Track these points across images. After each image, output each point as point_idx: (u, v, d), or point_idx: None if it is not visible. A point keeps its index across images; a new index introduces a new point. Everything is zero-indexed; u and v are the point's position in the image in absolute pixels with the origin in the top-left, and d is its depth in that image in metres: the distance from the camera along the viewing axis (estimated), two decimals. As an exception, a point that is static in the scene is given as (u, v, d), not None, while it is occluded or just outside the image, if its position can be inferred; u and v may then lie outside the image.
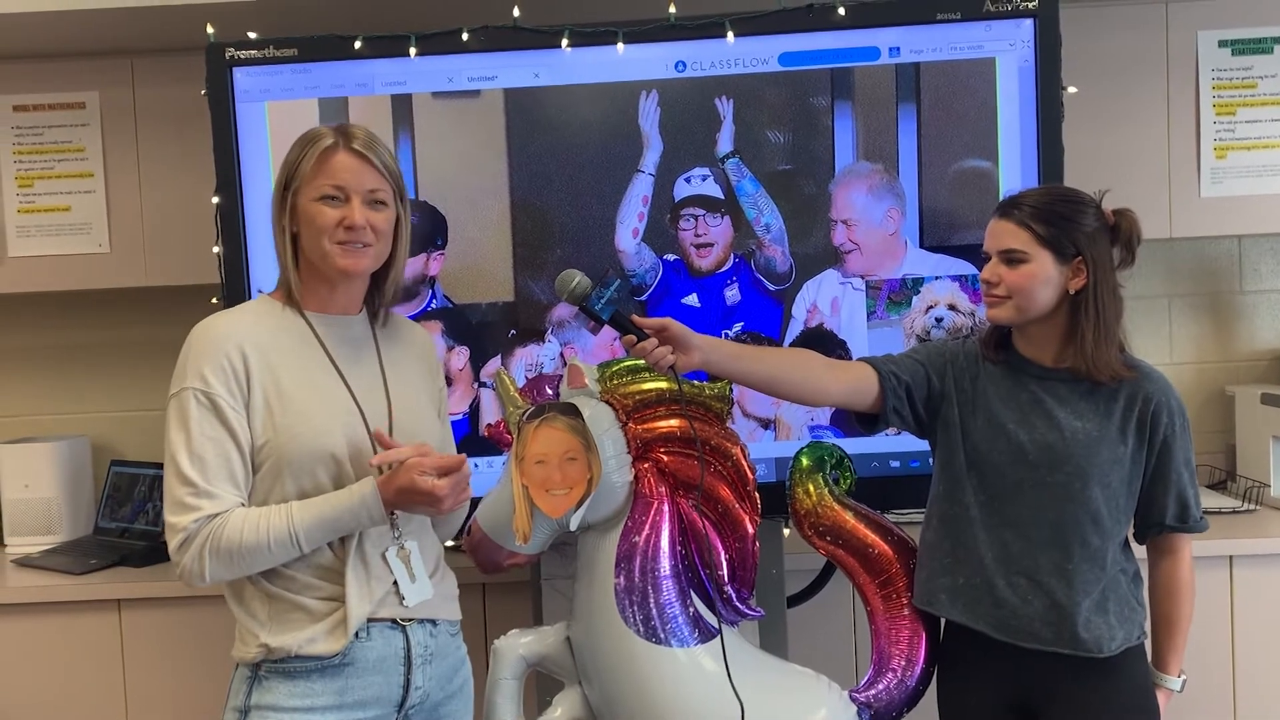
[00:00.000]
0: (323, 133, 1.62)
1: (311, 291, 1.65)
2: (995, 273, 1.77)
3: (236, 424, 1.55)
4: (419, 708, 1.66)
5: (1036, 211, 1.75)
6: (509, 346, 2.32)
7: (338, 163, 1.59)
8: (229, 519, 1.52)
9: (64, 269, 2.83)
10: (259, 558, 1.54)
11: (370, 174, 1.61)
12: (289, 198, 1.61)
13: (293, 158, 1.62)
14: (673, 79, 2.27)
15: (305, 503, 1.55)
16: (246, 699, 1.58)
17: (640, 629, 1.81)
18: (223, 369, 1.55)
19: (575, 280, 1.69)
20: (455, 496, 1.59)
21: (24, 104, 2.84)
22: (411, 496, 1.54)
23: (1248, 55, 2.75)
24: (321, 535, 1.55)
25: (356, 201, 1.59)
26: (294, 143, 1.64)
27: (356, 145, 1.60)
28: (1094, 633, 1.76)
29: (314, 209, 1.59)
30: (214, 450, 1.53)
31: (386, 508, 1.56)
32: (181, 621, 2.56)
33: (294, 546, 1.54)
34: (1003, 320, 1.79)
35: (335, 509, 1.55)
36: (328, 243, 1.59)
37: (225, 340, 1.57)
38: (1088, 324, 1.75)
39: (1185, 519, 1.81)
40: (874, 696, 1.90)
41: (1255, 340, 3.07)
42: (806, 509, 1.94)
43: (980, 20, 2.23)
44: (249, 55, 2.28)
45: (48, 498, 2.88)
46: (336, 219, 1.58)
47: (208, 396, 1.54)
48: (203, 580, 1.54)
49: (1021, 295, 1.75)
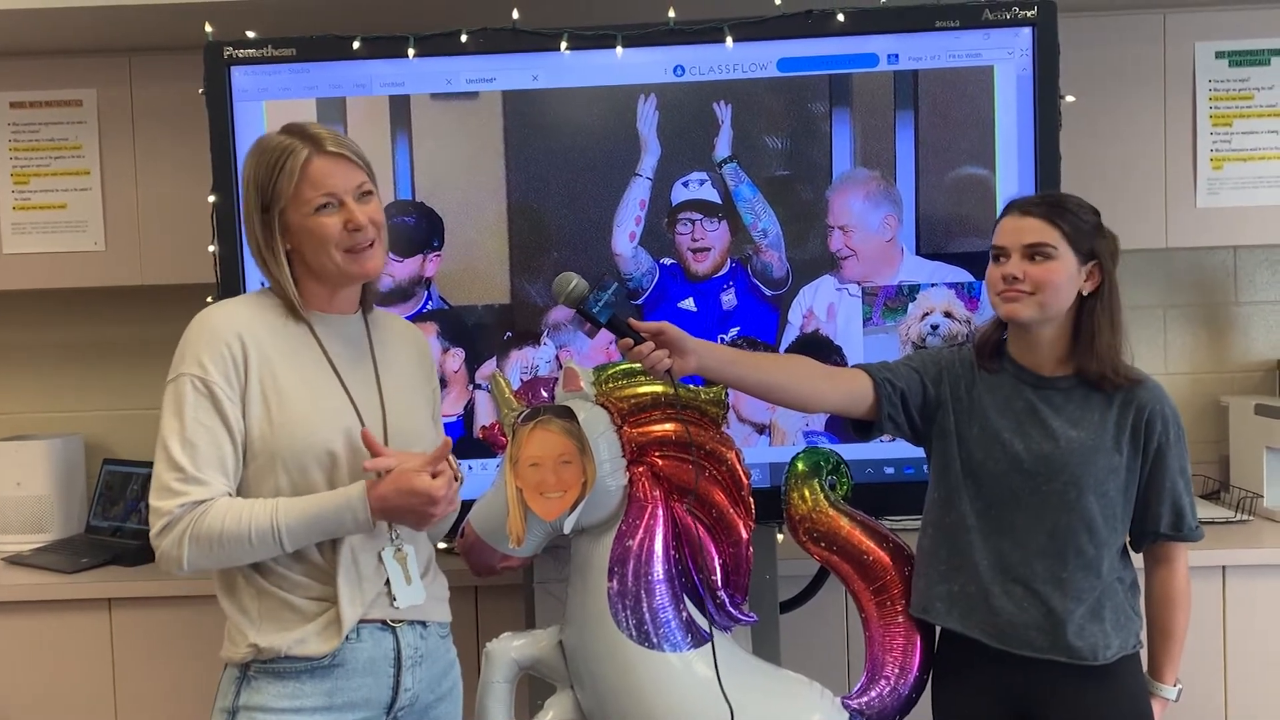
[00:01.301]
0: (287, 144, 1.56)
1: (311, 295, 1.64)
2: (1020, 268, 1.76)
3: (231, 414, 1.53)
4: (408, 710, 1.65)
5: (1059, 210, 1.76)
6: (505, 349, 2.32)
7: (319, 170, 1.56)
8: (213, 506, 1.51)
9: (59, 267, 2.83)
10: (239, 549, 1.51)
11: (352, 170, 1.58)
12: (276, 219, 1.57)
13: (264, 178, 1.56)
14: (671, 83, 2.27)
15: (293, 499, 1.54)
16: (235, 699, 1.57)
17: (633, 633, 1.81)
18: (222, 357, 1.54)
19: (573, 283, 1.69)
20: (450, 499, 1.57)
21: (20, 101, 2.83)
22: (408, 498, 1.52)
23: (1245, 67, 2.75)
24: (304, 533, 1.53)
25: (351, 201, 1.57)
26: (254, 160, 1.58)
27: (330, 147, 1.56)
28: (1088, 640, 1.76)
29: (313, 223, 1.56)
30: (207, 438, 1.52)
31: (375, 516, 1.53)
32: (172, 621, 2.55)
33: (275, 541, 1.51)
34: (1023, 318, 1.77)
35: (321, 508, 1.53)
36: (337, 253, 1.57)
37: (226, 330, 1.56)
38: (1104, 324, 1.76)
39: (1180, 528, 1.81)
40: (867, 704, 1.90)
41: (1250, 351, 3.08)
42: (802, 514, 1.94)
43: (979, 28, 2.24)
44: (247, 54, 2.28)
45: (40, 496, 2.87)
46: (339, 225, 1.56)
47: (205, 384, 1.53)
48: (181, 568, 1.52)
49: (1047, 291, 1.74)
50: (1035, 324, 1.78)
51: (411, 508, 1.54)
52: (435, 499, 1.53)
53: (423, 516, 1.55)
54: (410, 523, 1.58)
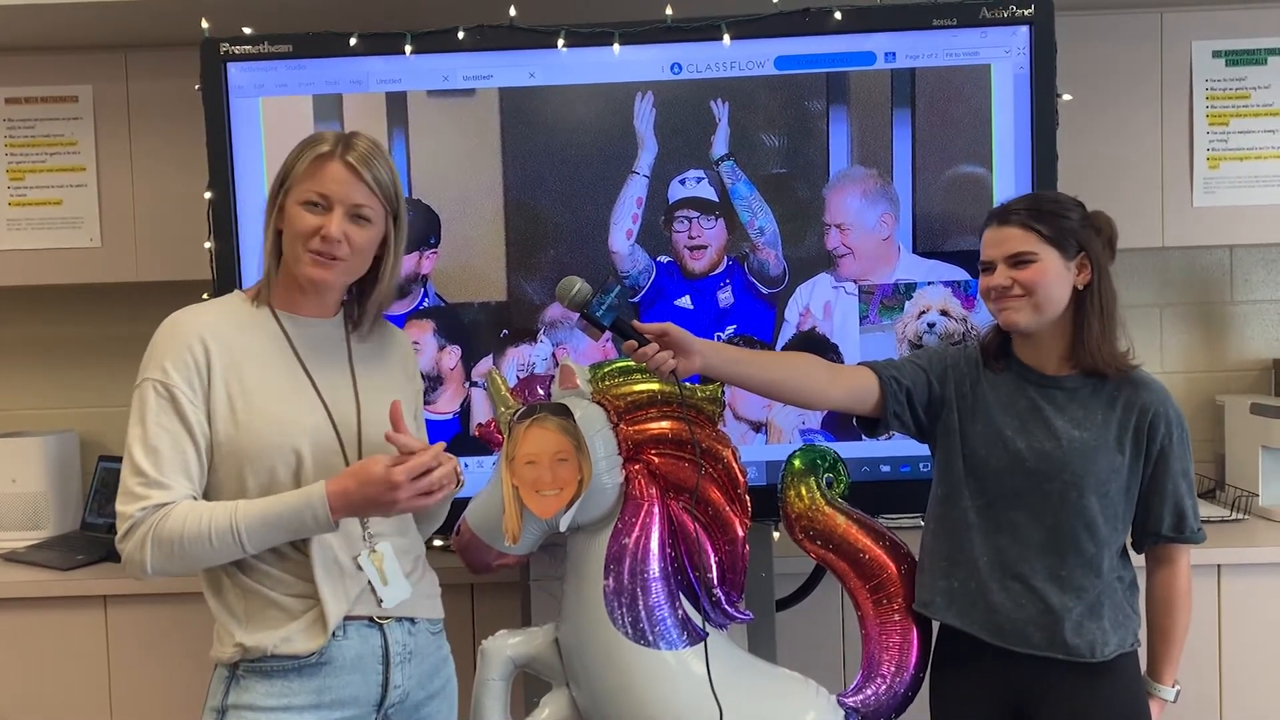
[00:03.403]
0: (324, 138, 1.60)
1: (285, 291, 1.64)
2: (1007, 276, 1.76)
3: (193, 417, 1.53)
4: (398, 707, 1.65)
5: (1034, 213, 1.77)
6: (501, 346, 2.32)
7: (328, 171, 1.57)
8: (174, 509, 1.50)
9: (55, 263, 2.82)
10: (200, 551, 1.49)
11: (359, 189, 1.58)
12: (281, 196, 1.60)
13: (291, 158, 1.61)
14: (668, 81, 2.27)
15: (253, 500, 1.52)
16: (224, 699, 1.57)
17: (629, 631, 1.81)
18: (184, 362, 1.54)
19: (576, 287, 1.68)
20: (412, 489, 1.49)
21: (16, 97, 2.83)
22: (366, 487, 1.48)
23: (1241, 66, 2.76)
24: (264, 533, 1.51)
25: (339, 213, 1.57)
26: (304, 142, 1.63)
27: (351, 158, 1.57)
28: (1086, 638, 1.76)
29: (295, 212, 1.58)
30: (169, 442, 1.52)
31: (338, 513, 1.50)
32: (167, 618, 2.55)
33: (235, 541, 1.50)
34: (1021, 325, 1.78)
35: (280, 508, 1.51)
36: (301, 248, 1.58)
37: (188, 333, 1.56)
38: (1094, 316, 1.76)
39: (1182, 529, 1.80)
40: (862, 701, 1.90)
41: (1245, 350, 3.09)
42: (798, 512, 1.94)
43: (976, 27, 2.24)
44: (244, 51, 2.28)
45: (35, 493, 2.87)
46: (314, 227, 1.56)
47: (166, 388, 1.52)
48: (145, 571, 1.50)
49: (1038, 292, 1.75)
50: (1036, 327, 1.78)
51: (371, 497, 1.49)
52: (394, 484, 1.48)
53: (386, 505, 1.50)
54: (377, 513, 1.54)
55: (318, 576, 1.56)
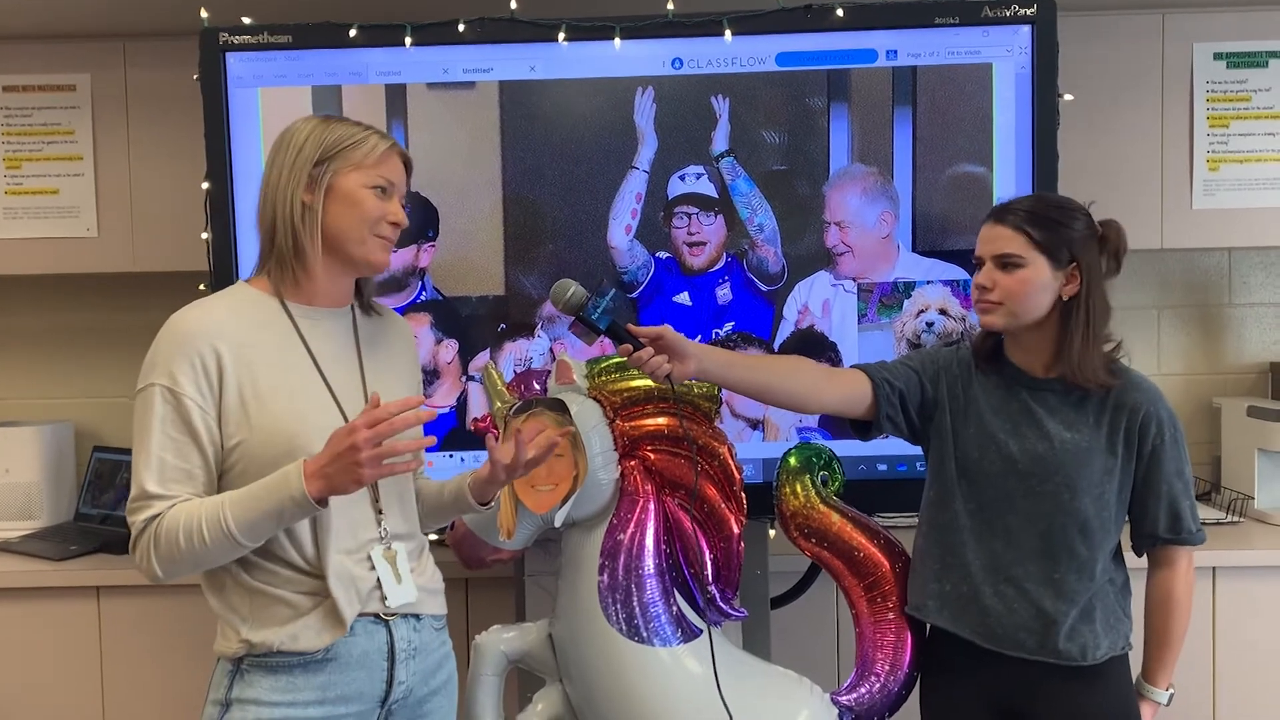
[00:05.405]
0: (377, 131, 1.62)
1: (297, 279, 1.60)
2: (990, 278, 1.76)
3: (201, 424, 1.50)
4: (402, 703, 1.65)
5: (1032, 216, 1.75)
6: (498, 341, 2.31)
7: (392, 163, 1.61)
8: (169, 511, 1.48)
9: (51, 252, 2.81)
10: (197, 548, 1.47)
11: (406, 183, 1.66)
12: (325, 174, 1.56)
13: (332, 138, 1.57)
14: (669, 76, 2.26)
15: (238, 490, 1.50)
16: (228, 692, 1.56)
17: (623, 627, 1.81)
18: (194, 367, 1.51)
19: (571, 290, 1.67)
20: (371, 446, 1.42)
21: (14, 85, 2.82)
22: (335, 457, 1.43)
23: (1242, 68, 2.75)
24: (249, 517, 1.46)
25: (398, 201, 1.62)
26: (321, 124, 1.59)
27: (403, 152, 1.65)
28: (1078, 642, 1.75)
29: (363, 194, 1.57)
30: (173, 450, 1.50)
31: (315, 489, 1.44)
32: (160, 609, 2.54)
33: (225, 531, 1.46)
34: (995, 327, 1.79)
35: (260, 485, 1.47)
36: (368, 232, 1.58)
37: (199, 337, 1.52)
38: (1077, 330, 1.74)
39: (1178, 530, 1.79)
40: (856, 700, 1.90)
41: (1243, 353, 3.08)
42: (793, 509, 1.94)
43: (978, 26, 2.23)
44: (243, 41, 2.27)
45: (29, 483, 2.86)
46: (384, 212, 1.59)
47: (174, 395, 1.50)
48: (157, 577, 1.50)
49: (1015, 300, 1.74)
50: (1013, 329, 1.78)
51: (337, 456, 1.44)
52: (355, 437, 1.42)
53: (353, 468, 1.44)
54: (348, 481, 1.46)
55: (330, 579, 1.54)
